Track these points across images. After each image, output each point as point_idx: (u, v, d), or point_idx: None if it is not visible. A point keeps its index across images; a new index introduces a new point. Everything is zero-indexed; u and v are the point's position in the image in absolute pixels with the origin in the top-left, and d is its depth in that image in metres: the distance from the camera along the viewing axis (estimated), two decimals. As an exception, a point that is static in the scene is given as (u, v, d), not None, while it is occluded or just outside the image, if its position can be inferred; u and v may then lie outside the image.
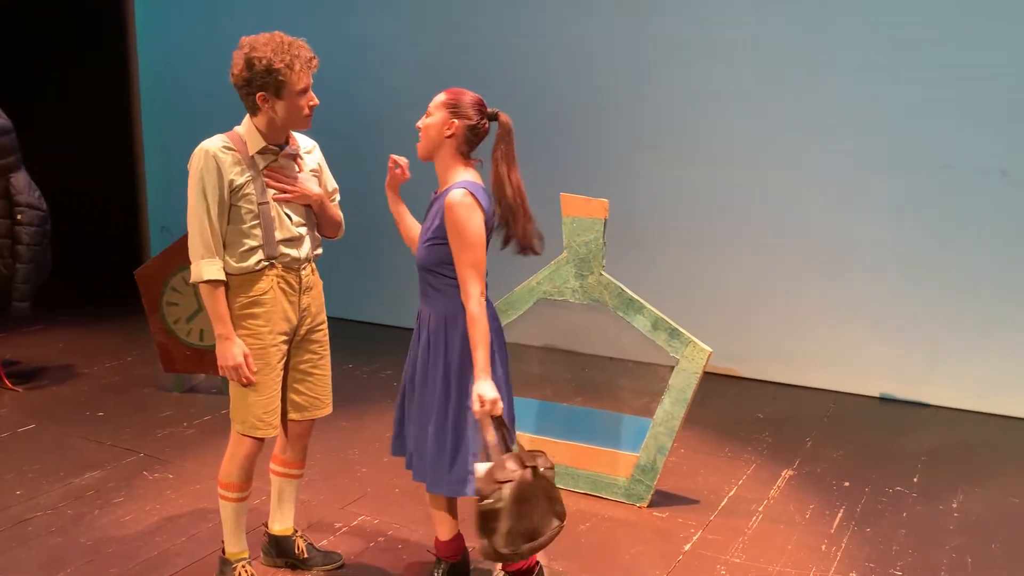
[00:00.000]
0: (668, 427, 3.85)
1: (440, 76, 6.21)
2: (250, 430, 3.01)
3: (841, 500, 4.05)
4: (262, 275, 2.90)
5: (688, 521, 3.82)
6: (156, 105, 7.84)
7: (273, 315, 2.92)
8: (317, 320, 3.10)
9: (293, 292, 2.97)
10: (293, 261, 2.95)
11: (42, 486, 4.07)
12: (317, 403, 3.17)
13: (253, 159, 2.87)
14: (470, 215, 2.70)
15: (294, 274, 2.97)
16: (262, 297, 2.91)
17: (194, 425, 4.86)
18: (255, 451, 3.05)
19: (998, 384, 5.14)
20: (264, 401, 2.97)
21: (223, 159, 2.81)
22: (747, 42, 5.46)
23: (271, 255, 2.89)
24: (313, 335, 3.09)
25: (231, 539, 3.16)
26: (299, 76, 2.79)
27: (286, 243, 2.92)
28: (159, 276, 5.25)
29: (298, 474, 3.31)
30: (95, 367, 5.84)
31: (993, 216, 5.03)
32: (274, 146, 2.90)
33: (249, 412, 2.98)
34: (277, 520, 3.36)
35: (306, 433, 3.24)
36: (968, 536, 3.73)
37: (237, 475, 3.07)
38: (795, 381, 5.64)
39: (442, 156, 2.80)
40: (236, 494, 3.09)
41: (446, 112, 2.76)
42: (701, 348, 3.78)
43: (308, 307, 3.04)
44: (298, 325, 3.03)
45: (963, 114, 5.01)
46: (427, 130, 2.80)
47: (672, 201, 5.74)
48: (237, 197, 2.83)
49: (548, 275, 4.01)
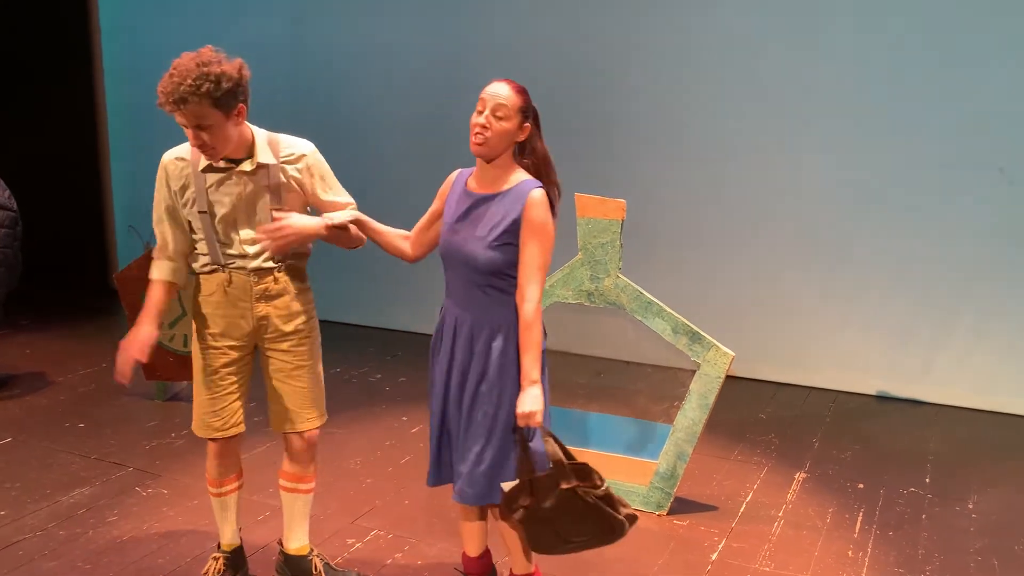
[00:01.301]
0: (689, 433, 3.76)
1: (439, 78, 6.16)
2: (197, 430, 3.05)
3: (858, 503, 4.01)
4: (211, 277, 2.92)
5: (710, 529, 3.74)
6: (121, 102, 7.55)
7: (217, 318, 2.92)
8: (283, 330, 2.95)
9: (243, 299, 2.89)
10: (241, 269, 2.89)
11: (27, 505, 3.83)
12: (295, 415, 3.02)
13: (202, 172, 2.83)
14: (549, 216, 2.65)
15: (244, 281, 2.88)
16: (208, 298, 2.93)
17: (182, 436, 4.64)
18: (216, 451, 3.07)
19: (995, 382, 5.17)
20: (206, 401, 2.98)
21: (171, 170, 2.86)
22: (748, 44, 5.41)
23: (216, 261, 2.89)
24: (280, 344, 2.96)
25: (220, 528, 3.21)
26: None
27: (236, 256, 2.88)
28: (140, 279, 4.99)
29: (300, 488, 3.14)
30: (68, 375, 5.57)
31: (990, 214, 5.05)
32: (227, 161, 2.79)
33: (197, 410, 3.02)
34: (290, 538, 3.20)
35: (302, 448, 3.07)
36: (990, 538, 3.71)
37: (210, 471, 3.13)
38: (792, 380, 5.61)
39: (504, 157, 2.68)
40: (212, 489, 3.15)
41: (521, 116, 2.64)
42: (724, 352, 3.70)
43: (267, 316, 2.92)
44: (255, 333, 2.94)
45: (961, 113, 5.02)
46: (502, 135, 2.61)
47: (664, 201, 5.66)
48: (185, 207, 2.87)
49: (562, 278, 3.89)
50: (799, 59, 5.32)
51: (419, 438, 4.60)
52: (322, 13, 6.53)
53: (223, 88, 2.63)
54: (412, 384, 5.45)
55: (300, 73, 6.64)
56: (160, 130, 7.35)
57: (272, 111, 7.08)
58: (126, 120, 7.56)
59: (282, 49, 6.70)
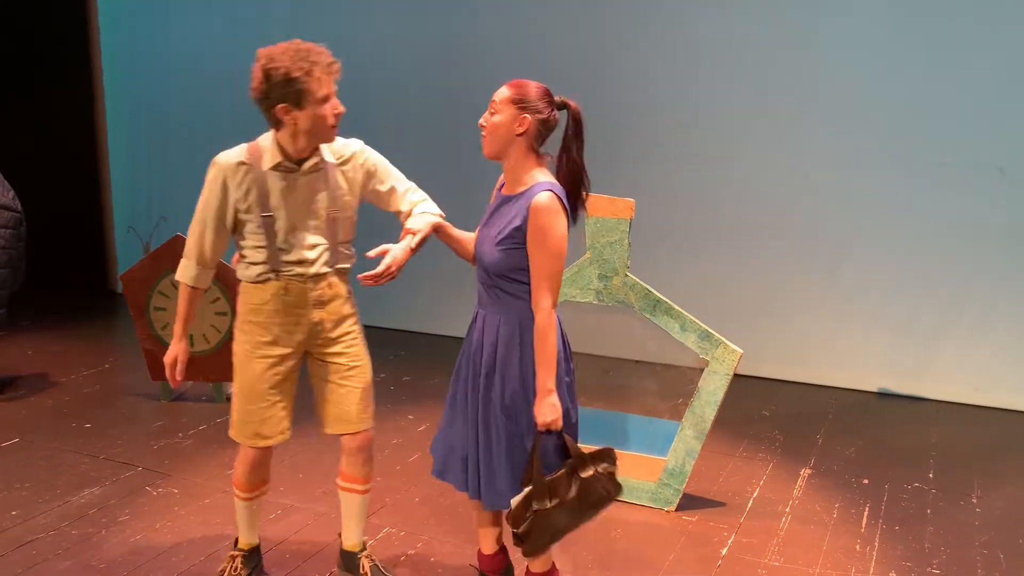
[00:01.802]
0: (698, 430, 3.80)
1: (443, 76, 6.16)
2: (240, 437, 3.01)
3: (864, 498, 4.06)
4: (264, 286, 2.87)
5: (719, 524, 3.77)
6: (121, 103, 7.55)
7: (272, 326, 2.89)
8: (335, 334, 2.97)
9: (298, 306, 2.89)
10: (298, 276, 2.87)
11: (39, 505, 3.84)
12: (348, 417, 3.02)
13: (265, 174, 2.79)
14: (556, 221, 2.55)
15: (301, 288, 2.87)
16: (262, 307, 2.88)
17: (190, 436, 4.65)
18: (256, 458, 3.04)
19: (995, 378, 5.23)
20: (251, 410, 2.95)
21: (232, 174, 2.78)
22: (752, 46, 5.45)
23: (275, 268, 2.85)
24: (332, 347, 2.98)
25: (241, 529, 3.22)
26: (319, 83, 2.66)
27: (295, 263, 2.86)
28: (146, 280, 5.02)
29: (357, 489, 3.14)
30: (72, 375, 5.57)
31: (990, 212, 5.11)
32: (291, 162, 2.80)
33: (240, 420, 2.99)
34: (345, 534, 3.23)
35: (358, 449, 3.08)
36: (995, 532, 3.76)
37: (242, 477, 3.10)
38: (793, 378, 5.66)
39: (513, 155, 2.63)
40: (244, 493, 3.13)
41: (514, 108, 2.58)
42: (732, 350, 3.74)
43: (320, 322, 2.93)
44: (308, 340, 2.95)
45: (961, 112, 5.07)
46: (496, 129, 2.60)
47: (665, 200, 5.69)
48: (243, 212, 2.81)
49: (570, 277, 3.91)
50: (803, 60, 5.36)
51: (426, 436, 4.61)
52: (321, 12, 6.55)
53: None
54: (416, 383, 5.46)
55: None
56: (159, 131, 7.45)
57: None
58: (126, 121, 7.56)
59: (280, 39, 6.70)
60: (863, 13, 5.19)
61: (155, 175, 7.54)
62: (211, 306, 5.00)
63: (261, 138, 2.83)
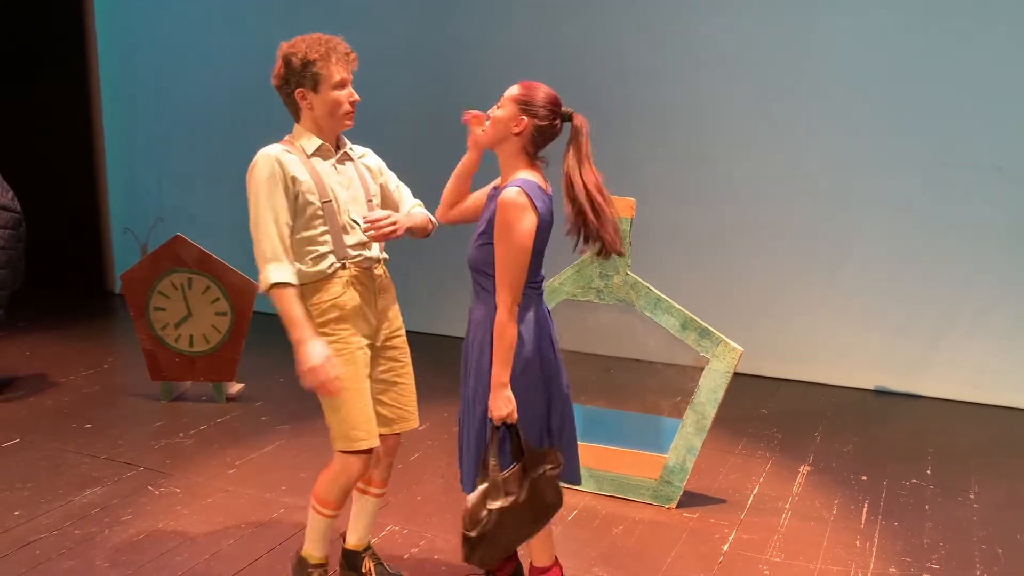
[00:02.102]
0: (698, 427, 3.82)
1: (444, 80, 6.17)
2: (352, 444, 2.79)
3: (863, 494, 4.09)
4: (335, 277, 2.78)
5: (720, 521, 3.80)
6: (117, 105, 7.55)
7: (355, 318, 2.80)
8: (395, 324, 2.97)
9: (369, 293, 2.85)
10: (365, 260, 2.84)
11: (41, 505, 3.84)
12: (404, 415, 3.02)
13: (312, 161, 2.78)
14: (520, 216, 2.53)
15: (368, 274, 2.86)
16: (339, 299, 2.77)
17: (191, 436, 4.66)
18: (363, 469, 2.85)
19: (992, 376, 5.26)
20: (361, 408, 2.79)
21: (285, 160, 2.72)
22: (751, 46, 5.48)
23: (343, 256, 2.78)
24: (392, 340, 2.96)
25: (314, 544, 3.01)
26: (335, 68, 2.70)
27: (359, 246, 2.83)
28: (146, 280, 5.02)
29: (379, 492, 3.12)
30: (70, 376, 5.57)
31: (987, 212, 5.14)
32: (326, 148, 2.82)
33: (348, 425, 2.78)
34: (352, 533, 3.22)
35: (392, 450, 3.07)
36: (992, 527, 3.79)
37: (336, 495, 2.89)
38: (792, 376, 5.69)
39: (506, 151, 2.66)
40: (332, 511, 2.93)
41: (516, 108, 2.61)
42: (732, 347, 3.76)
43: (384, 310, 2.92)
44: (377, 329, 2.90)
45: (959, 112, 5.11)
46: (495, 122, 2.64)
47: (662, 198, 5.72)
48: (302, 200, 2.73)
49: (571, 276, 3.94)
50: (802, 62, 5.39)
51: (426, 436, 4.63)
52: (320, 12, 6.55)
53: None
54: (417, 383, 5.45)
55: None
56: (156, 133, 7.44)
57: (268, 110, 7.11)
58: (123, 123, 7.56)
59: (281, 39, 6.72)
60: (864, 14, 5.22)
61: (152, 177, 7.55)
62: (211, 306, 5.01)
63: (288, 136, 2.84)
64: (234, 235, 6.88)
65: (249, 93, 6.94)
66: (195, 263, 4.98)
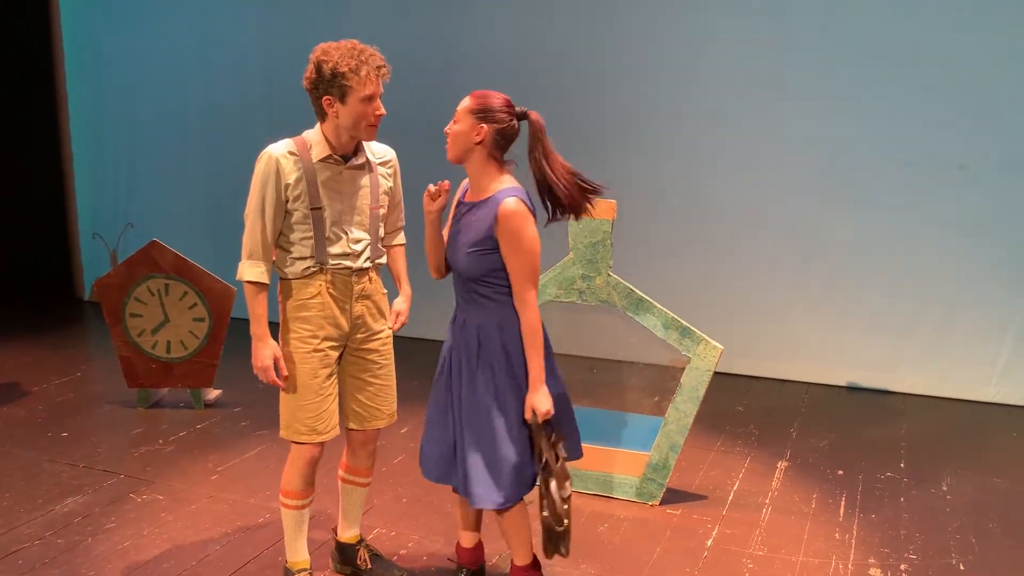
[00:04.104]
0: (680, 425, 3.88)
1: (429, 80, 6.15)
2: (295, 435, 2.95)
3: (840, 488, 4.18)
4: (311, 280, 2.88)
5: (703, 517, 3.86)
6: (84, 109, 7.46)
7: (321, 320, 2.89)
8: (374, 329, 3.02)
9: (344, 299, 2.92)
10: (344, 269, 2.90)
11: (21, 515, 3.79)
12: (376, 413, 3.10)
13: (314, 166, 2.82)
14: (525, 223, 2.67)
15: (345, 281, 2.91)
16: (309, 302, 2.89)
17: (171, 442, 4.62)
18: (312, 456, 2.98)
19: (960, 370, 5.40)
20: (309, 406, 2.92)
21: (284, 164, 2.79)
22: (735, 47, 5.58)
23: (321, 261, 2.87)
24: (369, 344, 3.02)
25: (291, 547, 3.12)
26: (365, 82, 2.72)
27: (341, 256, 2.89)
28: (121, 286, 4.98)
29: (363, 482, 3.23)
30: (43, 384, 5.50)
31: (953, 209, 5.28)
32: (338, 156, 2.85)
33: (294, 418, 2.94)
34: (343, 527, 3.28)
35: (370, 441, 3.17)
36: (966, 517, 3.89)
37: (296, 482, 3.02)
38: (765, 374, 5.79)
39: (474, 162, 2.73)
40: (295, 501, 3.04)
41: (473, 118, 2.68)
42: (713, 346, 3.83)
43: (362, 315, 2.97)
44: (351, 333, 2.97)
45: (925, 114, 5.24)
46: (455, 137, 2.71)
47: (636, 197, 5.78)
48: (293, 202, 2.81)
49: (553, 277, 3.98)
50: (776, 62, 5.49)
51: (409, 438, 4.65)
52: (292, 18, 6.54)
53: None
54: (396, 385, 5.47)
55: (274, 79, 6.63)
56: (124, 137, 7.36)
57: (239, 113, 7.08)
58: (90, 127, 7.47)
59: (251, 55, 6.70)
60: (834, 15, 5.33)
61: (121, 181, 7.47)
62: (189, 312, 4.98)
63: (306, 133, 2.87)
64: (207, 240, 6.89)
65: (220, 95, 6.90)
66: (172, 268, 4.94)
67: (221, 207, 6.83)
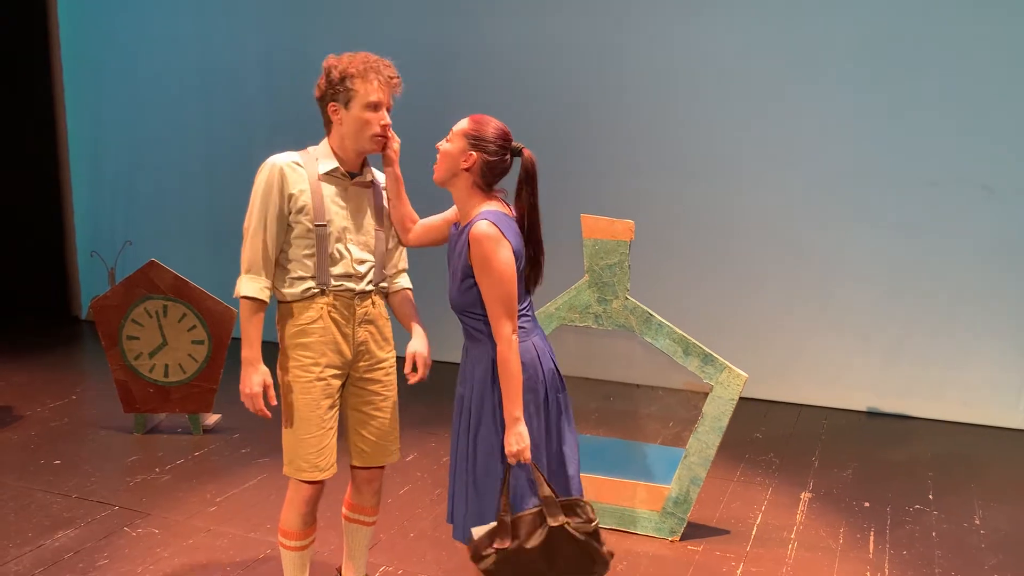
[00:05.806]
0: (702, 456, 3.70)
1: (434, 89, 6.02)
2: (297, 472, 2.76)
3: (867, 522, 3.99)
4: (312, 303, 2.71)
5: (726, 554, 3.67)
6: (83, 127, 7.32)
7: (323, 347, 2.72)
8: (377, 357, 2.84)
9: (346, 323, 2.74)
10: (347, 291, 2.73)
11: (9, 551, 3.60)
12: (382, 449, 2.91)
13: (320, 179, 2.67)
14: (496, 248, 2.45)
15: (348, 305, 2.73)
16: (310, 326, 2.71)
17: (167, 471, 4.44)
18: (312, 495, 2.80)
19: (984, 395, 5.22)
20: (312, 440, 2.72)
21: (288, 174, 2.65)
22: (738, 63, 5.43)
23: (323, 283, 2.69)
24: (372, 373, 2.84)
25: None
26: (370, 87, 2.59)
27: (344, 276, 2.72)
28: (119, 307, 4.81)
29: (369, 521, 3.04)
30: (37, 408, 5.32)
31: (977, 231, 5.12)
32: (344, 171, 2.71)
33: (296, 453, 2.74)
34: (348, 568, 3.09)
35: (375, 478, 2.97)
36: (1003, 554, 3.70)
37: (295, 522, 2.83)
38: (783, 398, 5.61)
39: (459, 187, 2.57)
40: (295, 542, 2.85)
41: (465, 142, 2.52)
42: (737, 374, 3.65)
43: (365, 342, 2.79)
44: (353, 360, 2.79)
45: (949, 133, 5.09)
46: (444, 156, 2.56)
47: (654, 219, 5.63)
48: (295, 215, 2.65)
49: (568, 300, 3.81)
50: (794, 82, 5.35)
51: (415, 467, 4.47)
52: (292, 30, 6.41)
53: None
54: (401, 411, 5.29)
55: (275, 97, 6.50)
56: (123, 154, 7.21)
57: (246, 134, 6.94)
58: (89, 144, 7.33)
59: (251, 74, 6.56)
60: (856, 30, 5.19)
61: (119, 199, 7.32)
62: (188, 334, 4.81)
63: (313, 147, 2.74)
64: (206, 259, 6.72)
65: (220, 114, 6.76)
66: (170, 289, 4.77)
67: (221, 226, 6.68)
